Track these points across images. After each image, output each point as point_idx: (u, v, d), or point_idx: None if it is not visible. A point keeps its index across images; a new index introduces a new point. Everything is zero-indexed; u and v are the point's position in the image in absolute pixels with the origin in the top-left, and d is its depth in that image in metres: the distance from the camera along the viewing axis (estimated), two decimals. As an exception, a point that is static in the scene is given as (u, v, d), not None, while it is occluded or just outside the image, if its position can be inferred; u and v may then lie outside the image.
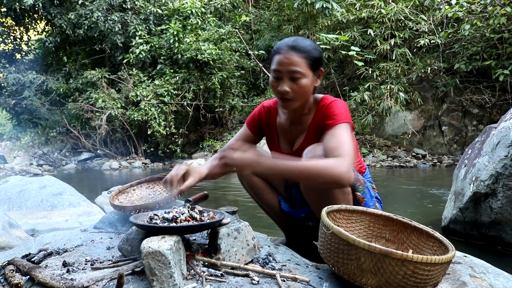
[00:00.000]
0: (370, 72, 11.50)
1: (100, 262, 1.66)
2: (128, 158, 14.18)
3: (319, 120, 1.81)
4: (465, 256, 1.84)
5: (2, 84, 15.45)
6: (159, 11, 14.29)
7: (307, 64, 1.74)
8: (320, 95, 1.90)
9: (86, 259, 1.70)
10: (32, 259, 1.77)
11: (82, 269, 1.60)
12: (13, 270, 1.57)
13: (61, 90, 15.13)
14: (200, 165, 1.98)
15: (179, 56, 13.13)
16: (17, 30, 17.29)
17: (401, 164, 10.48)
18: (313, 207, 1.85)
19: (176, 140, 13.65)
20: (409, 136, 11.60)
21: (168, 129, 13.17)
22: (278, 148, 2.00)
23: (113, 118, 13.50)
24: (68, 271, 1.58)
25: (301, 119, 1.91)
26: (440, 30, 11.35)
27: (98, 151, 15.04)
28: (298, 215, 2.03)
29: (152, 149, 14.19)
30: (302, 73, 1.73)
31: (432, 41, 11.22)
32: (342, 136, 1.64)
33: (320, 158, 1.63)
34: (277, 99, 1.95)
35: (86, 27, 13.96)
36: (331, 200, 1.70)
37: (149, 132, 13.21)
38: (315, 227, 1.97)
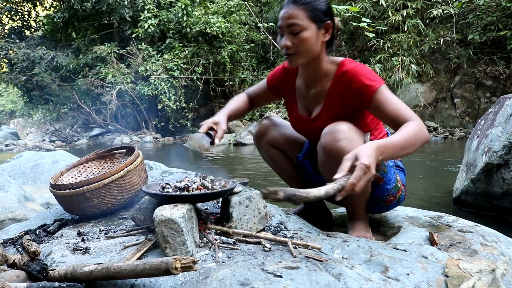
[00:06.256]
0: (381, 44, 11.32)
1: (114, 232, 1.69)
2: (139, 132, 14.27)
3: (342, 86, 1.70)
4: (476, 226, 1.83)
5: (13, 61, 15.52)
6: (167, -16, 14.13)
7: (307, 16, 1.63)
8: (339, 58, 1.76)
9: (100, 229, 1.74)
10: (48, 229, 1.81)
11: (97, 238, 1.64)
12: (30, 239, 1.60)
13: (71, 65, 15.18)
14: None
15: (188, 30, 13.02)
16: (25, 6, 17.25)
17: (412, 137, 10.38)
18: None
19: (186, 114, 13.68)
20: (421, 108, 11.46)
21: (178, 103, 13.19)
22: (297, 114, 1.92)
23: (123, 93, 13.54)
24: (83, 240, 1.61)
25: (318, 82, 1.79)
26: (453, 0, 11.07)
27: (109, 126, 15.15)
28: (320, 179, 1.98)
29: (162, 123, 14.25)
30: (301, 25, 1.62)
31: (445, 12, 10.96)
32: (393, 99, 1.59)
33: (343, 137, 1.58)
34: None
35: (94, 0, 13.86)
36: None
37: (159, 107, 13.24)
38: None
